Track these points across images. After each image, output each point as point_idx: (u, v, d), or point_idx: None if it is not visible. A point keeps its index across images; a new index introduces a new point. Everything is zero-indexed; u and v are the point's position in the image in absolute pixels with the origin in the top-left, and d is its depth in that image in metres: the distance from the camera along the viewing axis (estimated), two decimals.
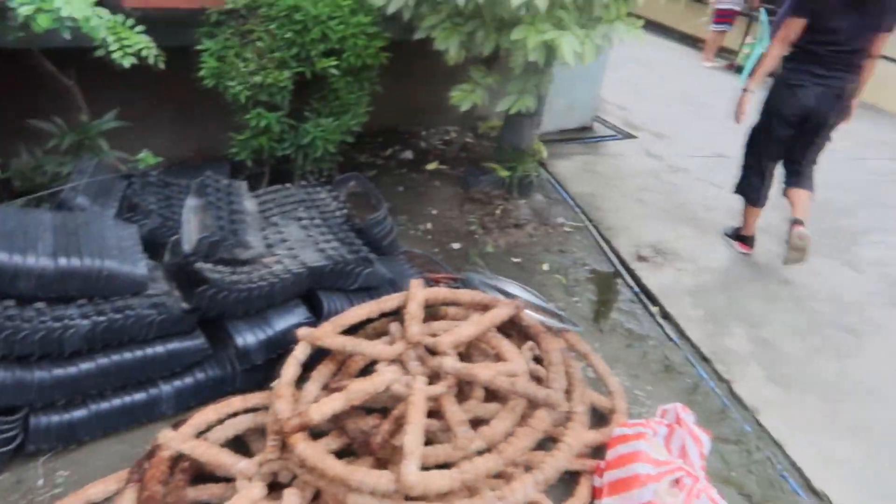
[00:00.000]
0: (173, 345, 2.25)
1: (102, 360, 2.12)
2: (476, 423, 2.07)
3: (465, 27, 3.08)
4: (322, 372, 2.23)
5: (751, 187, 3.86)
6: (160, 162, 3.69)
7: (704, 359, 3.11)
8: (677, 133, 5.94)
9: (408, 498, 1.76)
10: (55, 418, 2.11)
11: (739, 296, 3.62)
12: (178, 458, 1.98)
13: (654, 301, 3.51)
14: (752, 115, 3.72)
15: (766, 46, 4.56)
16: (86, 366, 2.09)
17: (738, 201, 4.07)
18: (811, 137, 3.59)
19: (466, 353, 2.40)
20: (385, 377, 2.01)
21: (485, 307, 2.42)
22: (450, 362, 2.05)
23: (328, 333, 2.22)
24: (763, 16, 7.36)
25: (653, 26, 11.05)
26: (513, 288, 3.14)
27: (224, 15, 2.98)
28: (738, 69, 8.19)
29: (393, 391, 2.03)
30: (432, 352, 2.20)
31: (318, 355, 2.32)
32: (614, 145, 5.50)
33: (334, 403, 1.94)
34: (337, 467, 1.77)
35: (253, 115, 3.04)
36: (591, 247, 3.95)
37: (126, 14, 2.70)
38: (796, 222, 3.53)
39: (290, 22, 2.84)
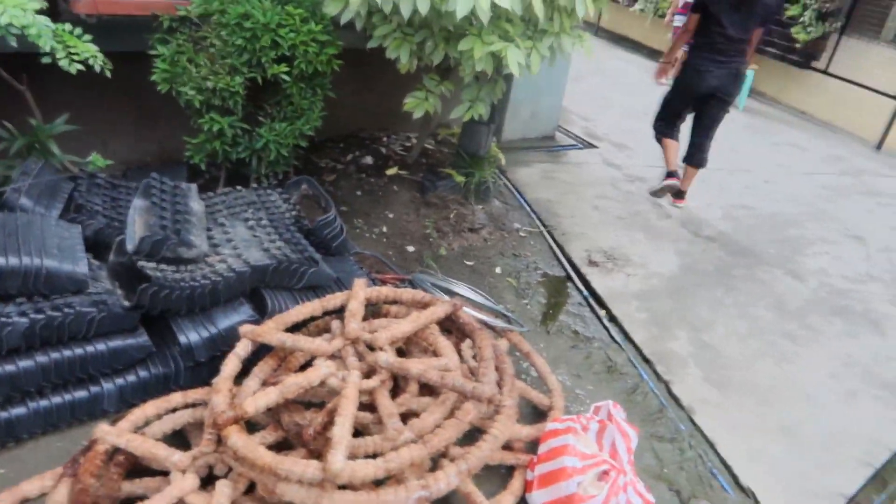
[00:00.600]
0: (116, 342, 2.29)
1: (42, 358, 2.15)
2: (410, 415, 2.14)
3: (415, 37, 3.16)
4: (263, 368, 2.29)
5: (667, 129, 4.77)
6: (119, 165, 3.75)
7: (646, 360, 3.21)
8: (637, 144, 6.08)
9: (339, 486, 1.82)
10: None
11: (686, 301, 3.74)
12: (114, 453, 2.02)
13: (602, 305, 3.61)
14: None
15: None
16: (25, 363, 2.12)
17: (689, 208, 4.24)
18: (716, 112, 4.54)
19: (406, 349, 2.47)
20: (320, 372, 2.07)
21: (425, 305, 2.49)
22: (384, 357, 2.11)
23: (269, 330, 2.28)
24: None
25: (622, 41, 11.32)
26: (461, 289, 3.23)
27: (177, 22, 3.03)
28: None
29: (329, 385, 2.09)
30: (371, 348, 2.27)
31: (262, 352, 2.37)
32: (575, 154, 5.62)
33: (269, 397, 1.99)
34: (266, 457, 1.83)
35: (206, 119, 3.09)
36: (544, 251, 4.05)
37: (78, 20, 2.76)
38: (672, 175, 4.73)
39: (241, 29, 2.91)
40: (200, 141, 3.22)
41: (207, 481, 2.03)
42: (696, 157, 4.72)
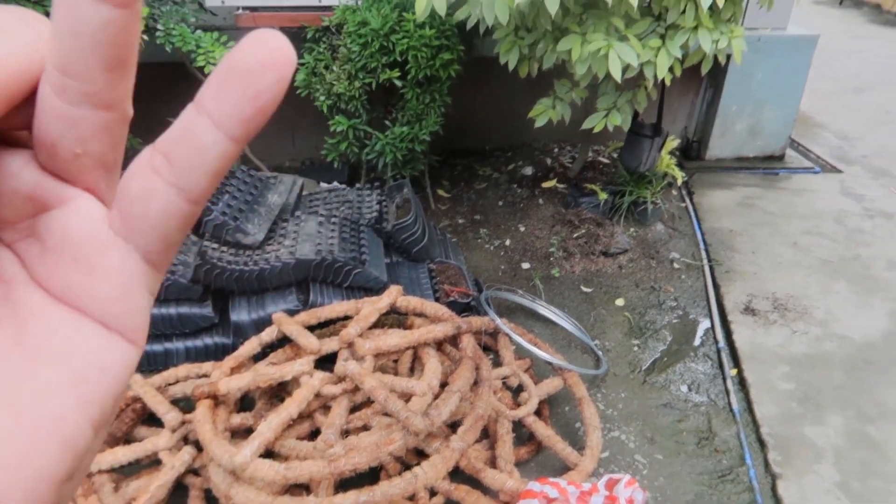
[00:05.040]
0: (183, 309, 2.65)
1: None
2: (365, 430, 2.05)
3: (526, 39, 2.96)
4: (278, 355, 2.41)
5: None
6: (304, 159, 4.30)
7: (760, 441, 2.51)
8: None
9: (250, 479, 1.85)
10: None
11: (870, 379, 2.80)
12: (135, 400, 2.35)
13: (737, 363, 2.91)
14: None
15: None
16: None
17: None
18: None
19: (413, 361, 2.36)
20: (292, 368, 2.11)
21: (439, 321, 2.34)
22: (352, 366, 2.05)
23: (288, 321, 2.39)
24: None
25: None
26: (548, 312, 2.96)
27: (320, 32, 3.34)
28: None
29: (300, 382, 2.12)
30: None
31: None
32: (802, 179, 4.59)
33: (242, 381, 2.11)
34: (207, 435, 1.94)
35: (334, 121, 3.35)
36: (695, 291, 3.42)
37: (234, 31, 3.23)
38: None
39: (358, 37, 3.08)
40: (334, 142, 3.49)
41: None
42: None
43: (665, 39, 2.76)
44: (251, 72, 0.22)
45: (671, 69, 2.87)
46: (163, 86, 3.87)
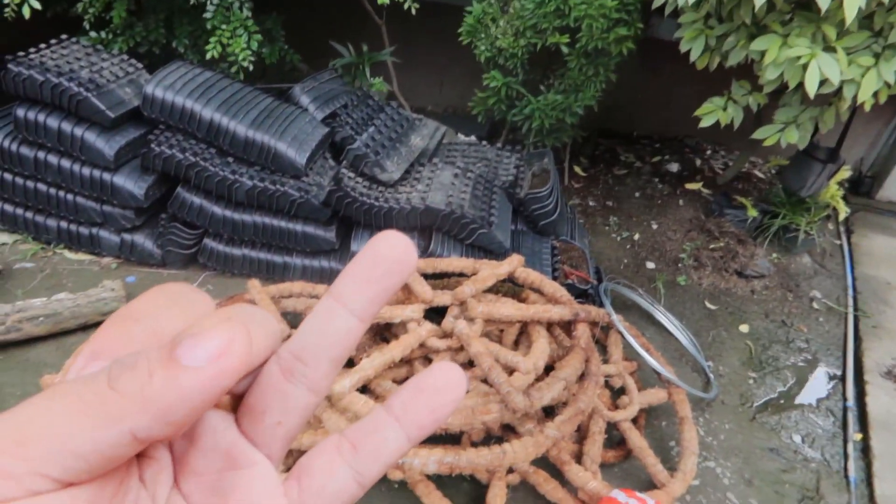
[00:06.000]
0: (309, 228, 2.71)
1: (257, 218, 2.71)
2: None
3: (716, 30, 2.71)
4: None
5: None
6: (448, 106, 4.27)
7: None
8: None
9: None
10: (219, 247, 2.79)
11: None
12: (251, 303, 2.44)
13: (865, 429, 2.63)
14: None
15: None
16: (245, 217, 2.70)
17: None
18: None
19: (519, 335, 2.29)
20: (403, 312, 2.10)
21: (557, 303, 2.25)
22: (459, 325, 2.02)
23: None
24: None
25: None
26: (665, 320, 2.80)
27: None
28: None
29: (407, 328, 2.11)
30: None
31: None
32: None
33: None
34: None
35: (489, 76, 3.27)
36: (831, 337, 3.11)
37: None
38: None
39: None
40: (484, 96, 3.42)
41: None
42: None
43: (879, 59, 2.43)
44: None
45: (875, 93, 2.55)
46: (332, 14, 3.97)
